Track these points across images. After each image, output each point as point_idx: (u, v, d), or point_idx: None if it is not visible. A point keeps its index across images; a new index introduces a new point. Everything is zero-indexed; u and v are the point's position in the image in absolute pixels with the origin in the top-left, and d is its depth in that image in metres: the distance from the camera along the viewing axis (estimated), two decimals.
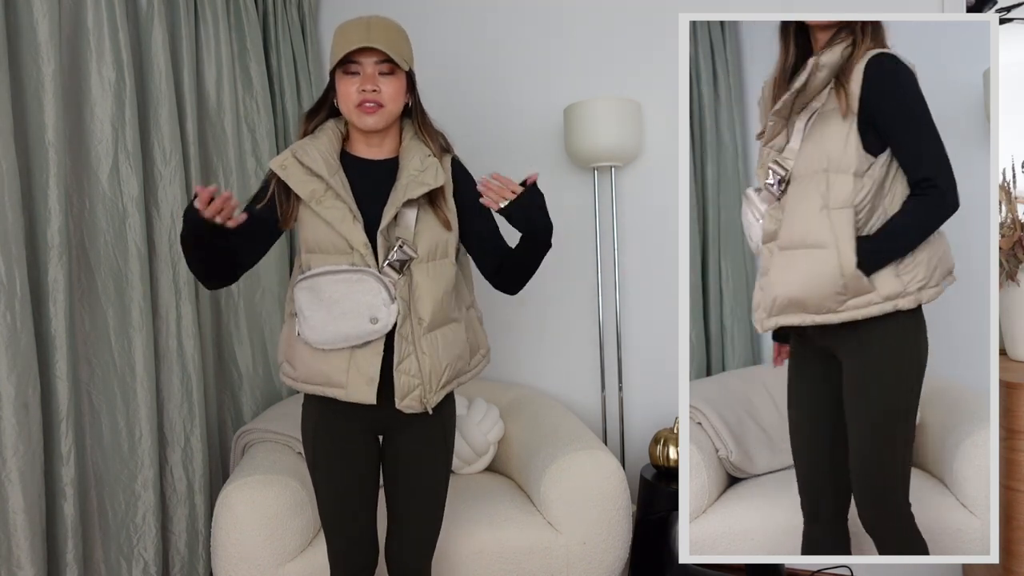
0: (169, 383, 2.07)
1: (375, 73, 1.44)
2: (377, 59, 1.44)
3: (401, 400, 1.47)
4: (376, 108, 1.45)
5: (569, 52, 2.56)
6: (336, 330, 1.43)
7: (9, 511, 1.62)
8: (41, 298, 1.73)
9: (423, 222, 1.49)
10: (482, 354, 1.66)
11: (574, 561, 1.86)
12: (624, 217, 2.52)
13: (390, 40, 1.44)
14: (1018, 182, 1.97)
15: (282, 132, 2.56)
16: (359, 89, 1.44)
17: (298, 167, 1.46)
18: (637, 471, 2.32)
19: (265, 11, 2.52)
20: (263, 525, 1.75)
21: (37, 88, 1.71)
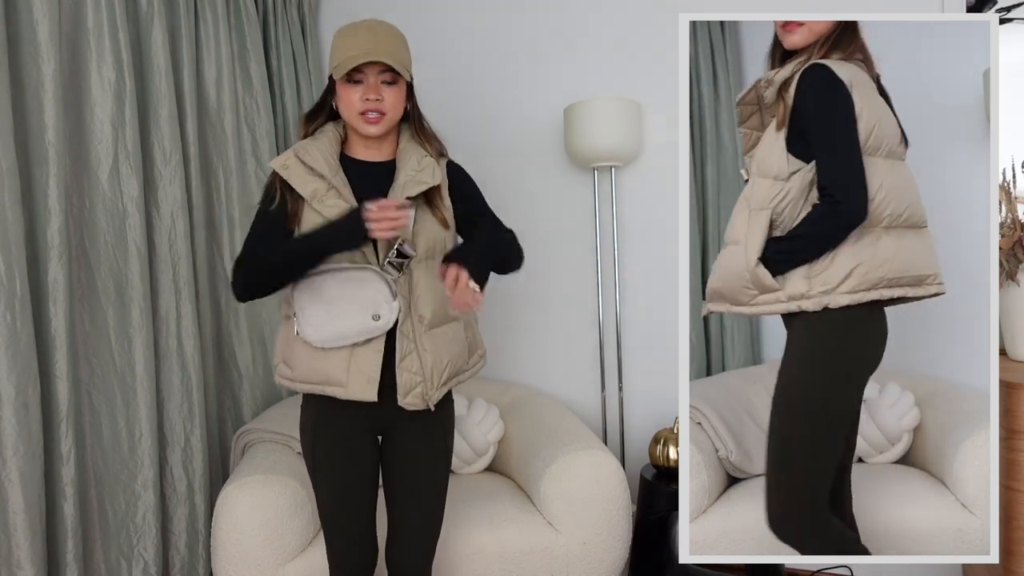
0: (169, 383, 2.07)
1: (378, 83, 1.47)
2: (380, 69, 1.46)
3: (404, 397, 1.48)
4: (379, 117, 1.48)
5: (569, 52, 2.56)
6: (337, 328, 1.44)
7: (9, 511, 1.62)
8: (41, 298, 1.73)
9: (421, 221, 1.51)
10: (479, 355, 1.67)
11: (574, 561, 1.86)
12: (624, 217, 2.52)
13: (394, 51, 1.46)
14: (1018, 182, 1.97)
15: (282, 132, 2.56)
16: (363, 98, 1.46)
17: (300, 166, 1.48)
18: (637, 471, 2.32)
19: (265, 11, 2.52)
20: (263, 525, 1.75)
21: (37, 88, 1.71)
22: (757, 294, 1.49)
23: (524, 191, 2.62)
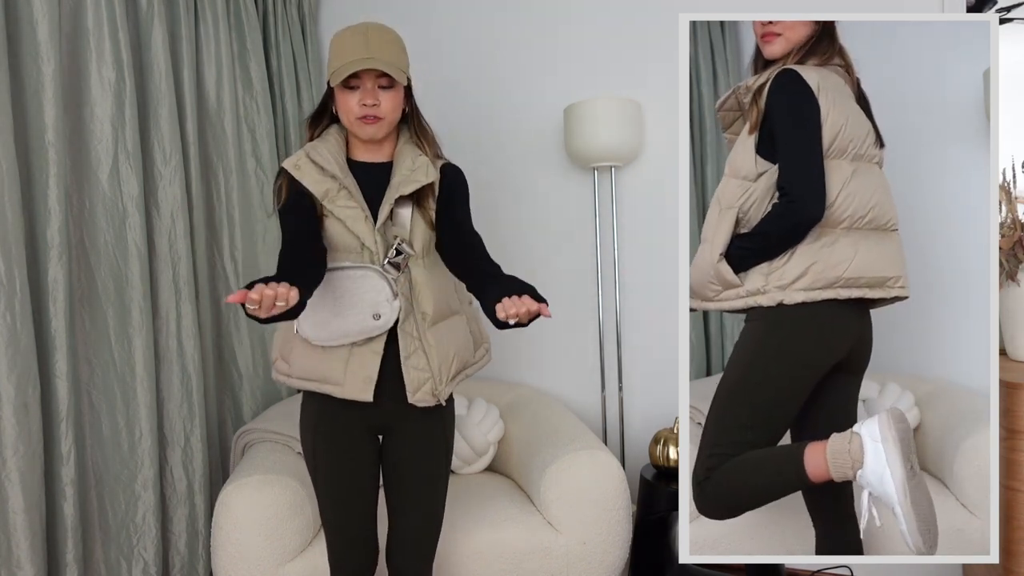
0: (169, 383, 2.07)
1: (374, 88, 1.47)
2: (377, 74, 1.47)
3: (413, 395, 1.48)
4: (377, 121, 1.48)
5: (569, 52, 2.56)
6: (338, 327, 1.44)
7: (9, 511, 1.62)
8: (41, 298, 1.73)
9: (417, 220, 1.52)
10: (485, 348, 1.68)
11: (574, 561, 1.86)
12: (624, 217, 2.52)
13: (388, 55, 1.46)
14: (1018, 182, 1.97)
15: (282, 132, 2.56)
16: (360, 103, 1.47)
17: (311, 167, 1.48)
18: (637, 471, 2.32)
19: (265, 11, 2.52)
20: (263, 525, 1.75)
21: (37, 88, 1.71)
22: (721, 290, 1.54)
23: (524, 191, 2.62)
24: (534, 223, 2.62)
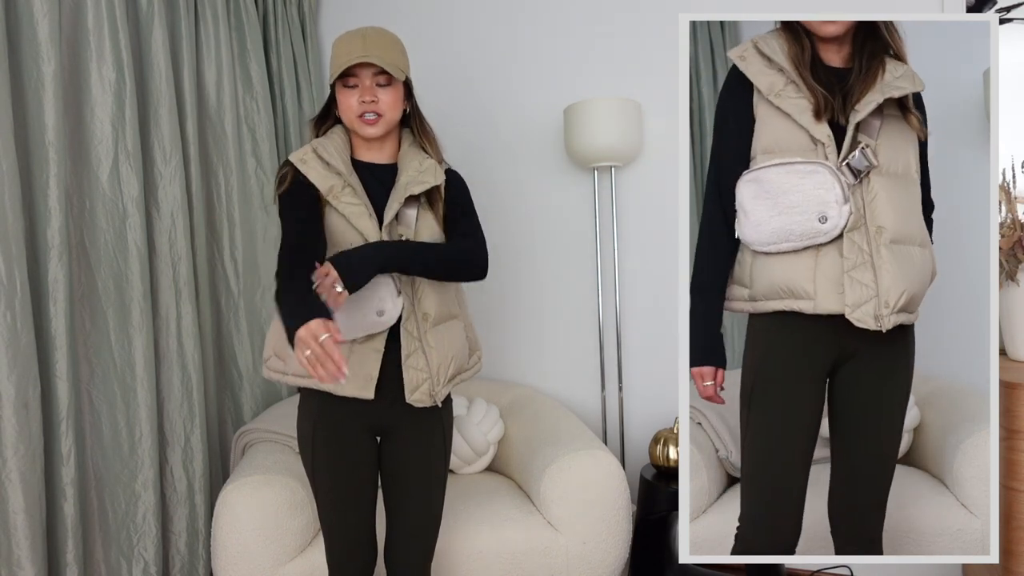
0: (169, 383, 2.07)
1: (372, 85, 1.49)
2: (373, 71, 1.48)
3: (411, 394, 1.49)
4: (376, 119, 1.49)
5: (569, 52, 2.56)
6: (341, 322, 1.43)
7: (9, 511, 1.63)
8: (41, 298, 1.73)
9: (422, 221, 1.53)
10: (478, 356, 1.69)
11: (574, 561, 1.86)
12: (624, 217, 2.52)
13: (384, 52, 1.48)
14: (1018, 182, 1.97)
15: (282, 132, 2.56)
16: (359, 101, 1.48)
17: (317, 161, 1.49)
18: (637, 471, 2.32)
19: (265, 11, 2.52)
20: (263, 525, 1.75)
21: (37, 88, 1.71)
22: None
23: (524, 191, 2.62)
24: (534, 223, 2.62)
